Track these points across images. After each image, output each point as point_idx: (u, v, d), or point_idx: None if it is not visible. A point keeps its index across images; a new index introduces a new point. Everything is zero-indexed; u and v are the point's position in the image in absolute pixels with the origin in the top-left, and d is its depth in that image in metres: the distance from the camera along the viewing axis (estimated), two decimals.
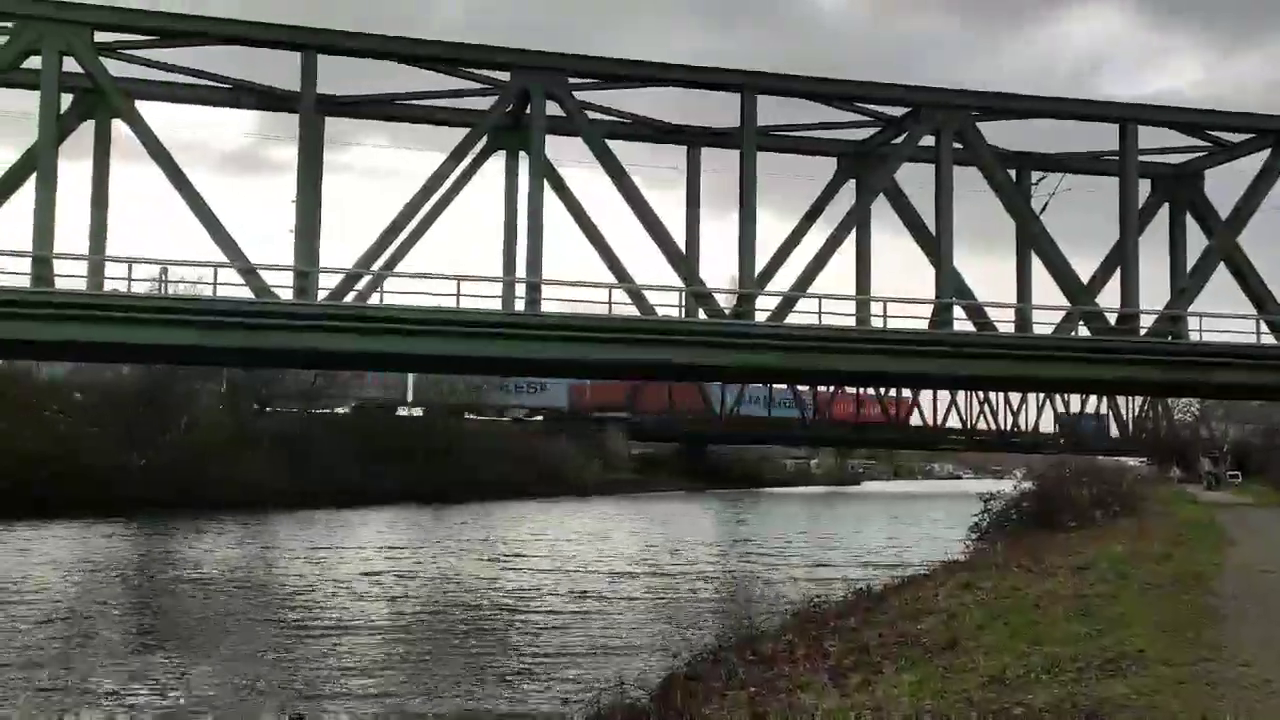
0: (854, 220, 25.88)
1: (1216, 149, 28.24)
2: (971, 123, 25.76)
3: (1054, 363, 26.32)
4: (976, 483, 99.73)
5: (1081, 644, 8.36)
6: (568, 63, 24.37)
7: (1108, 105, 28.47)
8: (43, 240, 21.50)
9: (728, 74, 25.50)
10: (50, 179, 21.73)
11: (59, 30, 21.70)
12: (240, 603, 20.10)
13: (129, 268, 23.06)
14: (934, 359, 25.44)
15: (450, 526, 40.09)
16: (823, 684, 8.56)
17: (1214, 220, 28.13)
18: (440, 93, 25.46)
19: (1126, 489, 27.73)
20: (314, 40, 23.24)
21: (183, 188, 22.35)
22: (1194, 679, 7.07)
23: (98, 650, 15.04)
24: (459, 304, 23.18)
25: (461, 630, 17.42)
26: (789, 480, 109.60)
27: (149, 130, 22.25)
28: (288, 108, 24.06)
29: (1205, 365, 26.81)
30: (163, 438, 43.63)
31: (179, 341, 22.31)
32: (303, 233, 23.07)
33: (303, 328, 22.32)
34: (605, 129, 25.16)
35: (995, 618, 10.09)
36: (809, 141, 27.73)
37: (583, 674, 13.38)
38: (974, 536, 24.94)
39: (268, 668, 13.98)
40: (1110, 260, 27.18)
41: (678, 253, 24.77)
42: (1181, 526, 20.60)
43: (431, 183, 23.33)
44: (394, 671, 14.00)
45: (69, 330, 21.46)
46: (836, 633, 11.30)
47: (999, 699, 6.95)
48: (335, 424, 58.05)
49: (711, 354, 24.53)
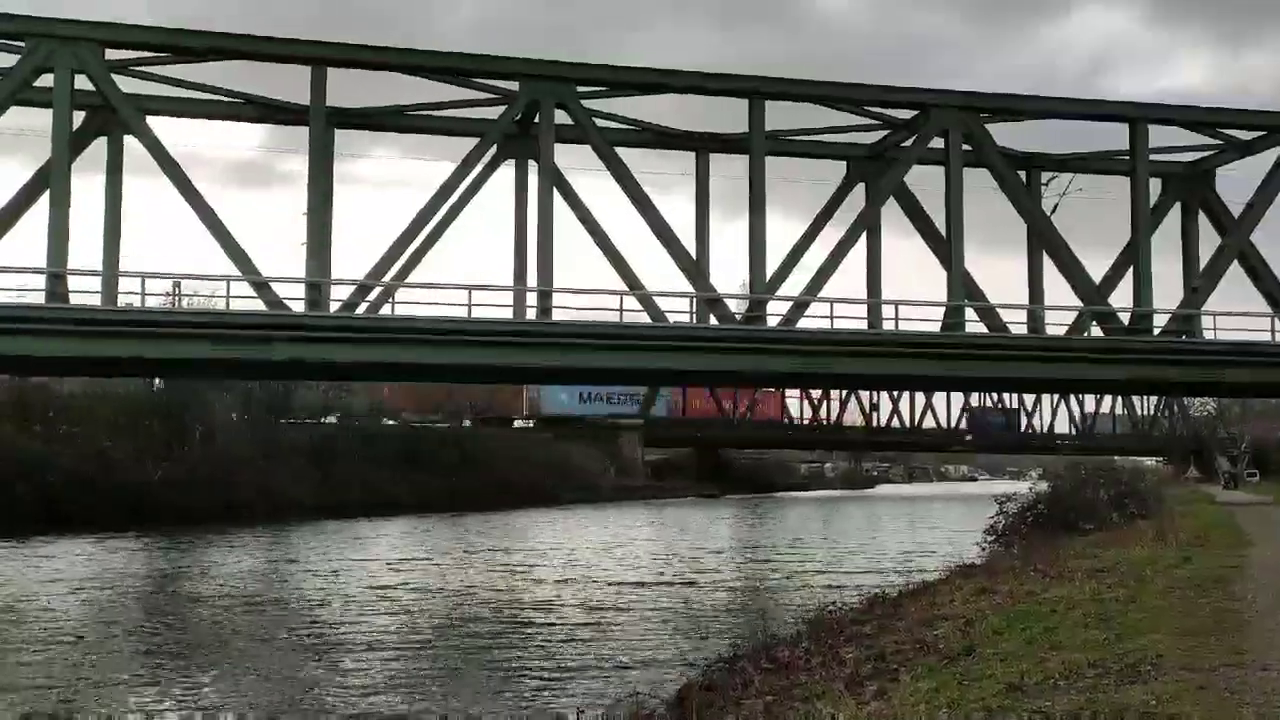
0: (864, 224, 25.84)
1: (1228, 147, 28.10)
2: (980, 124, 25.71)
3: (1067, 364, 26.21)
4: (992, 484, 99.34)
5: (1100, 650, 8.30)
6: (576, 71, 24.44)
7: (1118, 105, 28.38)
8: (57, 256, 21.66)
9: (736, 80, 25.52)
10: (64, 196, 21.89)
11: (71, 48, 21.88)
12: (256, 617, 20.15)
13: (143, 283, 23.23)
14: (946, 361, 25.36)
15: (468, 536, 40.13)
16: (839, 692, 8.52)
17: (1226, 218, 27.99)
18: (449, 103, 25.55)
19: (1143, 490, 27.53)
20: (324, 54, 23.38)
21: (195, 202, 22.49)
22: (1215, 685, 7.01)
23: (123, 667, 15.08)
24: (470, 313, 23.25)
25: (480, 641, 17.42)
26: (803, 484, 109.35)
27: (161, 146, 22.40)
28: (299, 121, 24.18)
29: (1220, 364, 26.67)
30: (181, 450, 43.82)
31: (193, 355, 22.43)
32: (314, 245, 23.19)
33: (316, 339, 22.41)
34: (614, 136, 25.20)
35: (1012, 623, 10.03)
36: (818, 145, 27.71)
37: (598, 684, 13.36)
38: (990, 539, 24.83)
39: (285, 683, 14.00)
40: (1122, 260, 27.07)
41: (688, 259, 24.77)
42: (1200, 527, 20.45)
43: (441, 193, 23.41)
44: (413, 684, 14.01)
45: (84, 346, 21.61)
46: (852, 639, 11.26)
47: (1017, 707, 6.90)
48: (354, 433, 58.24)
49: (723, 360, 24.52)
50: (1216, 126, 27.86)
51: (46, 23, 22.15)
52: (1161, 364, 26.33)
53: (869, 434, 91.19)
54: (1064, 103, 28.05)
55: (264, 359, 23.09)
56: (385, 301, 23.17)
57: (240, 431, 47.90)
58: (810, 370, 26.13)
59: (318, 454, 50.77)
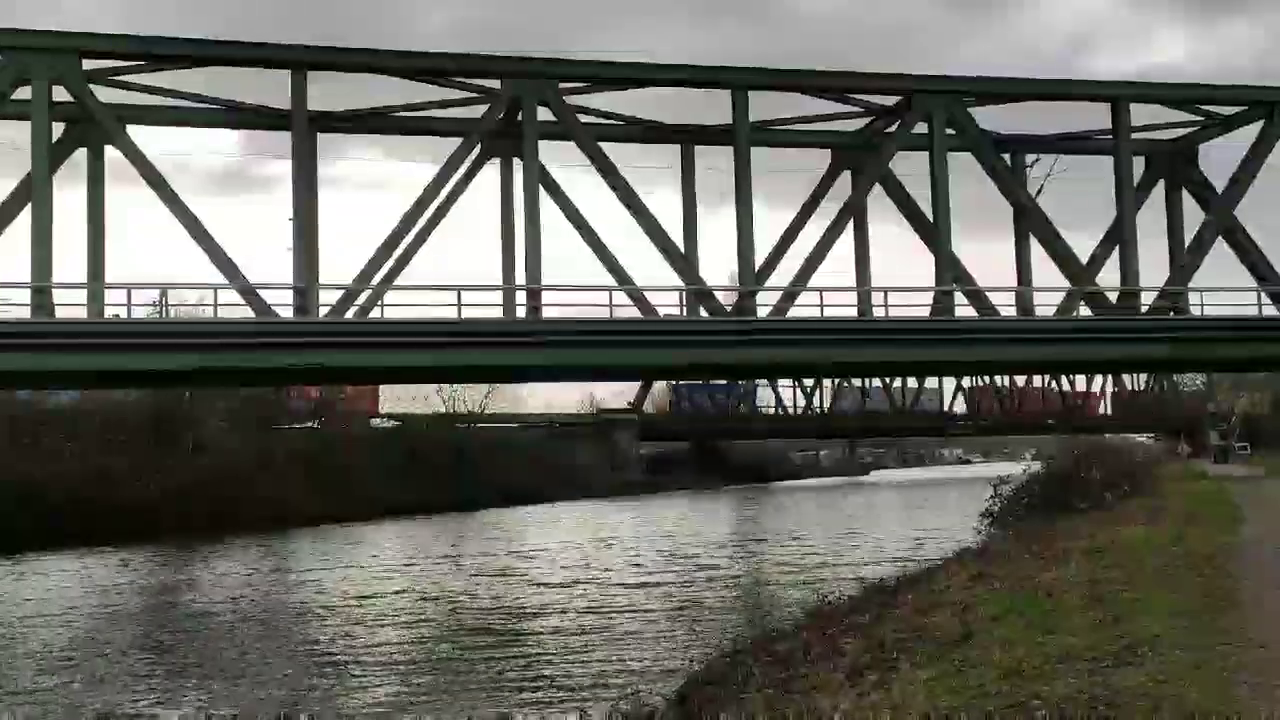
0: (851, 211, 25.85)
1: (1210, 122, 28.17)
2: (963, 108, 25.72)
3: (1057, 344, 26.25)
4: (986, 467, 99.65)
5: (1097, 632, 8.34)
6: (558, 68, 24.35)
7: (1099, 84, 28.40)
8: (41, 270, 21.51)
9: (719, 72, 25.47)
10: (46, 208, 21.74)
11: (47, 59, 21.72)
12: (255, 626, 20.11)
13: (128, 293, 23.08)
14: (937, 346, 25.40)
15: (466, 537, 40.12)
16: (839, 683, 8.55)
17: (1210, 194, 28.06)
18: (430, 103, 25.44)
19: (1136, 468, 27.65)
20: (304, 58, 23.23)
21: (179, 211, 22.35)
22: (1211, 664, 7.05)
23: (138, 682, 15.02)
24: (460, 314, 23.18)
25: (482, 641, 17.44)
26: (797, 473, 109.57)
27: (142, 155, 22.25)
28: (281, 126, 24.06)
29: (1208, 340, 26.75)
30: (174, 461, 43.60)
31: (182, 366, 22.32)
32: (301, 250, 23.09)
33: (305, 345, 22.31)
34: (598, 132, 25.14)
35: (1009, 608, 10.06)
36: (803, 135, 27.69)
37: (600, 682, 13.38)
38: (986, 523, 24.92)
39: (281, 689, 13.99)
40: (1108, 239, 27.12)
41: (676, 252, 24.74)
42: (1193, 504, 20.55)
43: (427, 194, 23.32)
44: (414, 685, 14.01)
45: (71, 360, 21.47)
46: (851, 630, 11.29)
47: (1016, 692, 6.93)
48: (349, 438, 58.16)
49: (715, 353, 24.50)
50: (1198, 103, 27.91)
51: (23, 34, 21.97)
52: (1150, 342, 26.40)
53: (861, 420, 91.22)
54: (1045, 84, 28.05)
55: (254, 366, 23.00)
56: (374, 305, 23.09)
57: (233, 440, 47.69)
58: (802, 360, 26.13)
59: (313, 460, 50.63)
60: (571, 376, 42.68)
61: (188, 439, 45.70)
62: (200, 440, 46.21)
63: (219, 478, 43.25)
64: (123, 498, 38.73)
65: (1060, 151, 29.20)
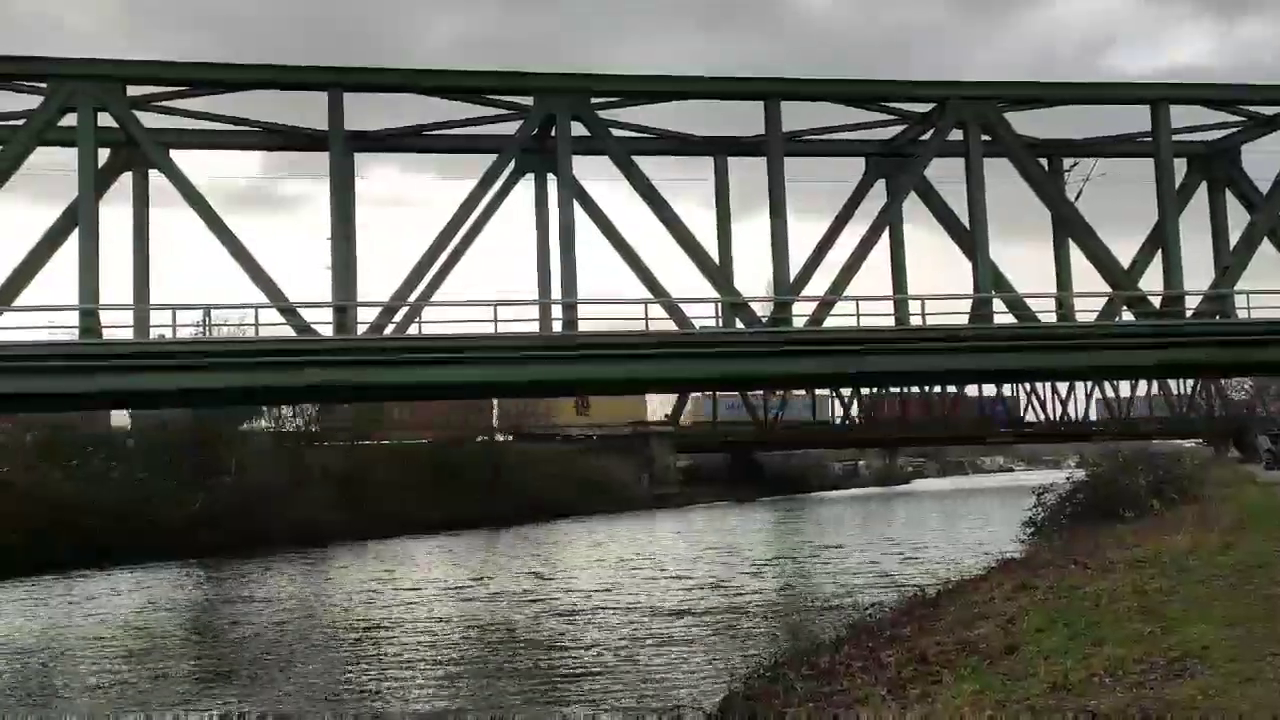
0: (886, 219, 25.70)
1: (1251, 123, 27.72)
2: (999, 114, 25.52)
3: (1099, 350, 25.90)
4: (1028, 475, 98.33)
5: (1144, 644, 8.21)
6: (591, 83, 24.48)
7: (1138, 87, 28.09)
8: (88, 293, 21.94)
9: (752, 83, 25.51)
10: (92, 232, 22.17)
11: (93, 87, 22.20)
12: (296, 639, 20.31)
13: (173, 314, 23.48)
14: (976, 354, 25.14)
15: (504, 553, 40.25)
16: (881, 696, 8.47)
17: (1255, 195, 27.60)
18: (463, 120, 25.67)
19: (1182, 474, 27.18)
20: (341, 79, 23.56)
21: (220, 231, 22.72)
22: (1263, 676, 6.91)
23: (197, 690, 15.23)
24: (497, 329, 23.33)
25: (522, 657, 17.47)
26: (837, 483, 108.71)
27: (185, 178, 22.66)
28: (316, 146, 24.40)
29: (1255, 343, 26.26)
30: (217, 479, 44.19)
31: (227, 384, 22.65)
32: (339, 268, 23.36)
33: (345, 363, 22.57)
34: (631, 145, 25.22)
35: (1055, 620, 9.93)
36: (836, 144, 27.61)
37: (641, 697, 13.34)
38: (1029, 532, 24.60)
39: (325, 698, 14.11)
40: (1150, 243, 26.73)
41: (711, 264, 24.73)
42: (1242, 511, 20.16)
43: (462, 210, 23.51)
44: (457, 700, 14.07)
45: (119, 381, 21.86)
46: (893, 642, 11.19)
47: (1063, 705, 6.83)
48: (388, 454, 58.49)
49: (751, 364, 24.45)
50: (1239, 104, 27.47)
51: (69, 63, 22.49)
52: (1195, 346, 25.95)
53: (901, 429, 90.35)
54: (1083, 87, 27.76)
55: (295, 384, 23.27)
56: (412, 321, 23.29)
57: (273, 458, 48.21)
58: (839, 370, 25.98)
59: (349, 478, 51.03)
60: (607, 390, 42.76)
61: (231, 457, 46.26)
62: (242, 460, 46.77)
63: (261, 498, 43.78)
64: (166, 517, 39.31)
65: (1098, 155, 28.88)
